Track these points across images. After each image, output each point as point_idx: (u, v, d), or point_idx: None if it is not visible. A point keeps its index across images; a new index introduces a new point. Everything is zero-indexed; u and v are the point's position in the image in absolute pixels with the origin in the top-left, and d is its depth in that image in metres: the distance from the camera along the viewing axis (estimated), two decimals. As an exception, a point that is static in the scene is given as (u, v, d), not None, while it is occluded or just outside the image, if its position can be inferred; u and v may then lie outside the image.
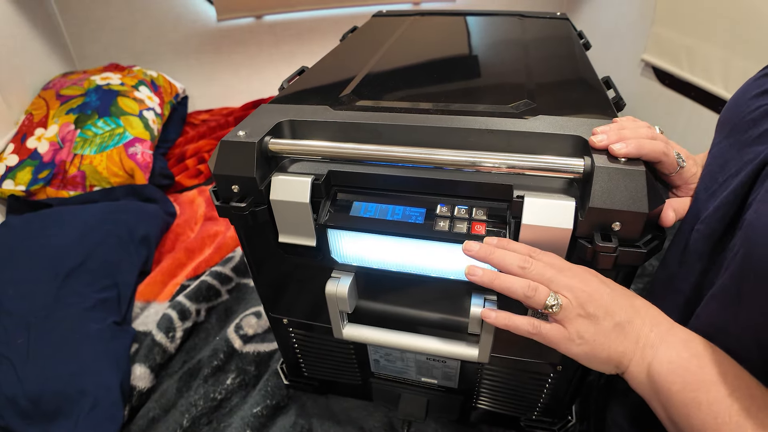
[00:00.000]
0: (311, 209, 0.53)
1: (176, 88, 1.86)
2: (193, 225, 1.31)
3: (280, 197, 0.53)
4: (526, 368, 0.63)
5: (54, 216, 1.18)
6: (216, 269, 1.07)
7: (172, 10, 1.93)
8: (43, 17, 1.75)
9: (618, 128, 0.47)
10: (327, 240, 0.56)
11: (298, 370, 0.80)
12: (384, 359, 0.70)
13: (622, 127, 0.47)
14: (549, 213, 0.46)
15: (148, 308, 1.04)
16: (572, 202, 0.45)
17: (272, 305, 0.69)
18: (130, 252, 1.09)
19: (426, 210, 0.52)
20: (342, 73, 0.74)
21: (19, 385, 0.80)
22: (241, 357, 0.90)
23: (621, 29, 1.73)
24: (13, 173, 1.35)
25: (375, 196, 0.54)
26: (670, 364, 0.40)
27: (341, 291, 0.57)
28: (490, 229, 0.50)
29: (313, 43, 2.06)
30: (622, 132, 0.46)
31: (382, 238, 0.53)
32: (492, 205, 0.51)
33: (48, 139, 1.39)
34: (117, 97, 1.51)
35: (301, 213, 0.53)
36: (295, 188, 0.52)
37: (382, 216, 0.52)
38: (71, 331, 0.89)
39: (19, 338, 0.88)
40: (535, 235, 0.47)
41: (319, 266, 0.59)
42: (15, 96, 1.51)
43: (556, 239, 0.47)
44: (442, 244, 0.51)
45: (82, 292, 0.96)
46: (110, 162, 1.36)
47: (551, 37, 0.91)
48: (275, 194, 0.53)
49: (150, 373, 0.88)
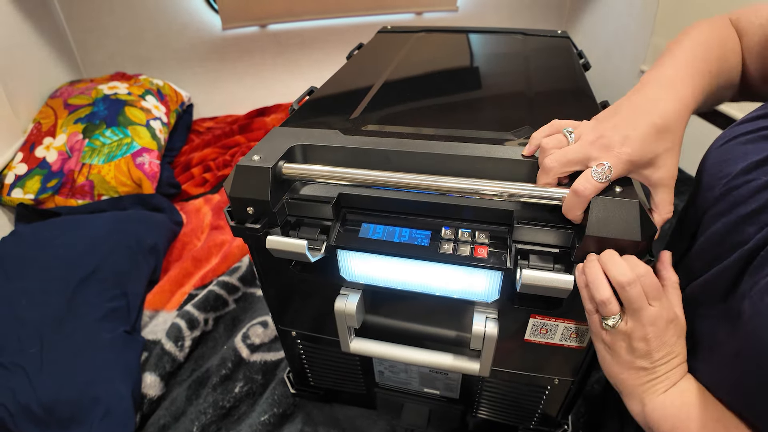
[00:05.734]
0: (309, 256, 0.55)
1: (182, 97, 1.89)
2: (200, 234, 1.33)
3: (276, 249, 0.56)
4: (525, 381, 0.66)
5: (64, 225, 1.21)
6: (223, 279, 1.10)
7: (177, 18, 1.96)
8: (50, 25, 1.78)
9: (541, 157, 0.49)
10: (336, 259, 0.59)
11: (304, 380, 0.83)
12: (388, 371, 0.73)
13: (543, 153, 0.49)
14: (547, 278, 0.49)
15: (157, 317, 1.07)
16: (570, 277, 0.48)
17: (281, 318, 0.72)
18: (139, 262, 1.12)
19: (431, 232, 0.55)
20: (350, 96, 0.77)
21: (33, 393, 0.83)
22: (248, 366, 0.93)
23: (621, 40, 1.76)
24: (22, 182, 1.37)
25: (383, 217, 0.57)
26: (663, 410, 0.45)
27: (349, 308, 0.60)
28: (492, 251, 0.53)
29: (317, 52, 2.10)
30: (543, 162, 0.48)
31: (389, 258, 0.56)
32: (494, 229, 0.54)
33: (57, 149, 1.42)
34: (124, 106, 1.53)
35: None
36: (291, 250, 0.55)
37: (390, 238, 0.55)
38: (83, 340, 0.91)
39: (33, 347, 0.90)
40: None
41: (328, 283, 0.62)
42: (23, 104, 1.53)
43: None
44: (446, 266, 0.54)
45: (93, 301, 0.99)
46: (118, 172, 1.39)
47: (552, 59, 0.94)
48: (271, 245, 0.56)
49: (160, 381, 0.91)
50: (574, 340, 0.57)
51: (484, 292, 0.56)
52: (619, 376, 0.48)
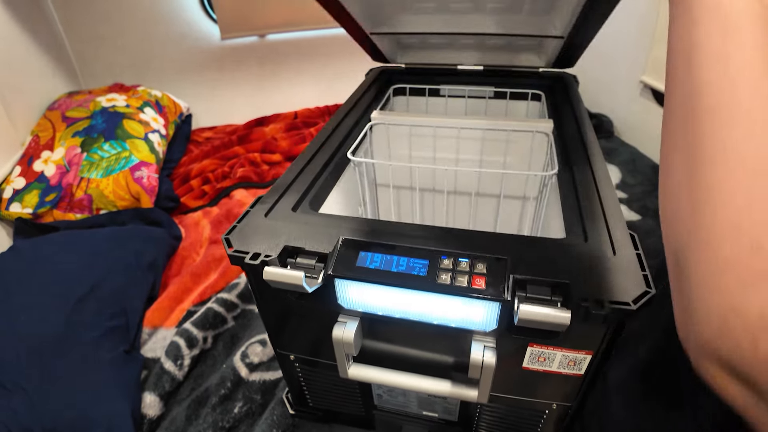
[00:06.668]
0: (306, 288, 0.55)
1: (180, 107, 1.89)
2: (199, 248, 1.33)
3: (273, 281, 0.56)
4: (523, 406, 0.66)
5: (62, 241, 1.21)
6: (222, 296, 1.10)
7: (176, 28, 1.96)
8: (48, 35, 1.78)
9: None
10: (334, 287, 0.59)
11: (303, 401, 0.83)
12: (387, 394, 0.73)
13: None
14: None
15: (156, 334, 1.07)
16: (567, 313, 0.48)
17: (280, 342, 0.72)
18: (138, 278, 1.12)
19: (429, 261, 0.55)
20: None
21: (34, 415, 0.83)
22: (247, 385, 0.93)
23: (620, 51, 1.76)
24: (20, 196, 1.37)
25: (380, 245, 0.57)
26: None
27: (347, 336, 0.60)
28: (490, 281, 0.53)
29: (315, 61, 2.10)
30: None
31: (387, 287, 0.56)
32: (492, 258, 0.54)
33: (55, 162, 1.42)
34: (122, 119, 1.53)
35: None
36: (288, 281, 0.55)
37: (387, 267, 0.55)
38: (83, 360, 0.91)
39: (33, 366, 0.90)
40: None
41: (326, 310, 0.62)
42: (21, 116, 1.53)
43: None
44: (444, 296, 0.54)
45: (93, 320, 0.99)
46: (116, 186, 1.39)
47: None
48: (268, 277, 0.56)
49: (159, 401, 0.91)
50: (572, 368, 0.57)
51: (482, 321, 0.56)
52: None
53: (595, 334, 0.53)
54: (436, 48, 1.08)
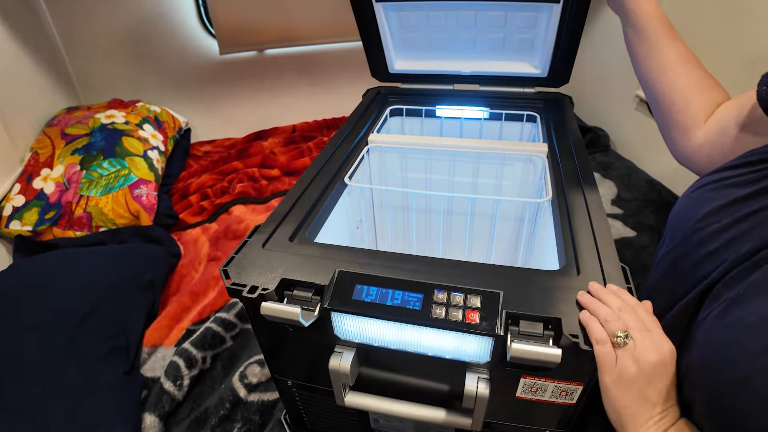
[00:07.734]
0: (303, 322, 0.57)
1: (179, 122, 1.90)
2: (197, 265, 1.34)
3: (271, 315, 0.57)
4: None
5: (62, 259, 1.21)
6: (220, 315, 1.11)
7: (175, 43, 1.97)
8: (47, 50, 1.79)
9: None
10: (330, 318, 0.60)
11: (300, 422, 0.83)
12: (383, 419, 0.74)
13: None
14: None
15: (155, 353, 1.07)
16: (558, 351, 0.49)
17: (277, 368, 0.73)
18: (137, 298, 1.13)
19: (423, 295, 0.56)
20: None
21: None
22: (246, 406, 0.93)
23: (615, 66, 1.77)
24: (19, 214, 1.38)
25: (376, 278, 0.58)
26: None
27: (344, 367, 0.61)
28: (483, 316, 0.54)
29: (313, 75, 2.11)
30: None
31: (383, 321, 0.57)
32: (486, 291, 0.55)
33: (54, 180, 1.43)
34: (122, 137, 1.54)
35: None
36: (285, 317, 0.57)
37: (383, 300, 0.56)
38: (84, 381, 0.92)
39: (34, 388, 0.91)
40: None
41: (323, 340, 0.63)
42: (20, 133, 1.54)
43: None
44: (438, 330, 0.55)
45: (93, 341, 1.00)
46: (116, 204, 1.40)
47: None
48: (265, 311, 0.57)
49: (159, 421, 0.91)
50: (564, 398, 0.58)
51: (476, 354, 0.57)
52: (623, 405, 0.47)
53: (586, 367, 0.54)
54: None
